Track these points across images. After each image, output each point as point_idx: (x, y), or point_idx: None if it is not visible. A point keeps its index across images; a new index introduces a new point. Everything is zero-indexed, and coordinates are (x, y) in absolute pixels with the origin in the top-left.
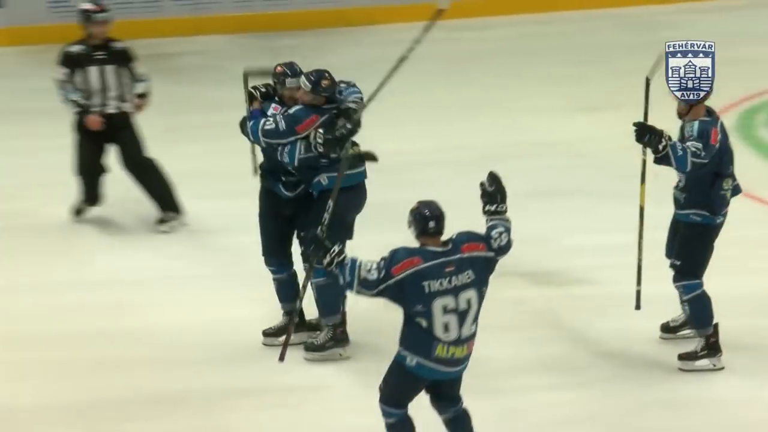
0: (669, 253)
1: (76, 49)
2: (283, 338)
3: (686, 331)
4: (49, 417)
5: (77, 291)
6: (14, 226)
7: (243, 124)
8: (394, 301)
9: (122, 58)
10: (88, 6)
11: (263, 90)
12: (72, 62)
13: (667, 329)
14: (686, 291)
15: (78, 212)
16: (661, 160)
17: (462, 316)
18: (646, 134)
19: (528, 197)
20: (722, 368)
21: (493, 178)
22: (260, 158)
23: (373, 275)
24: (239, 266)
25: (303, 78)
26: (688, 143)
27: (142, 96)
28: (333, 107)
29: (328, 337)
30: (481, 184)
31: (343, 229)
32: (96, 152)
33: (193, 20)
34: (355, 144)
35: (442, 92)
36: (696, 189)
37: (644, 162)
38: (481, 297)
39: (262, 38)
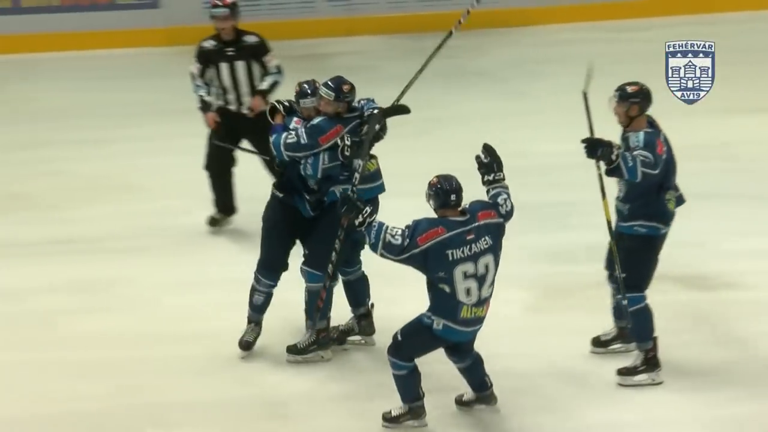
0: (609, 266)
1: (208, 44)
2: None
3: (617, 346)
4: (197, 414)
5: (224, 289)
6: (167, 225)
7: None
8: (417, 268)
9: (253, 53)
10: (212, 0)
11: (286, 104)
12: (204, 58)
13: (599, 343)
14: (630, 304)
15: (213, 222)
16: (613, 171)
17: (481, 280)
18: (598, 148)
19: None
20: (661, 383)
21: (488, 149)
22: None
23: (397, 240)
24: (385, 265)
25: (323, 88)
26: (636, 152)
27: (261, 92)
28: (356, 116)
29: (311, 341)
30: (477, 157)
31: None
32: (225, 149)
33: (347, 21)
34: (373, 156)
35: (599, 93)
36: (640, 200)
37: (601, 176)
38: (496, 261)
39: (415, 39)
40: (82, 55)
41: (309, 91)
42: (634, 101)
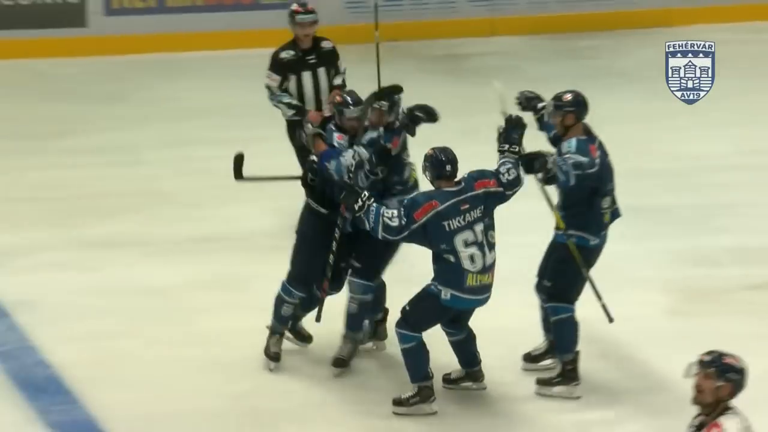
0: (541, 273)
1: (286, 55)
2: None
3: (548, 361)
4: (333, 413)
5: None
6: None
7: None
8: (420, 243)
9: (330, 59)
10: (294, 6)
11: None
12: (284, 69)
13: (530, 358)
14: (553, 313)
15: None
16: (550, 179)
17: (481, 246)
18: (534, 162)
19: None
20: (579, 397)
21: (507, 120)
22: None
23: (395, 222)
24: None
25: (376, 100)
26: (567, 156)
27: (339, 87)
28: (400, 127)
29: (353, 350)
30: (498, 128)
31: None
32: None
33: (489, 21)
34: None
35: (744, 94)
36: (574, 209)
37: (544, 188)
38: (486, 228)
39: (557, 39)
40: (225, 55)
41: (352, 102)
42: (568, 110)
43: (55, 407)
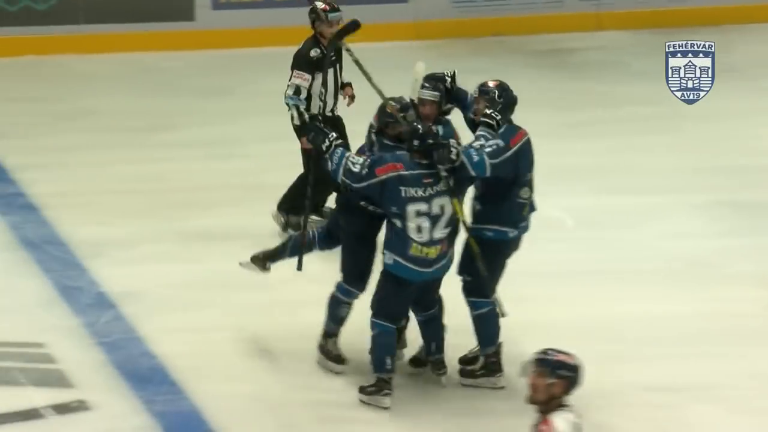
0: (460, 270)
1: (315, 53)
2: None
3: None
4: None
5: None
6: None
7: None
8: (373, 199)
9: (341, 56)
10: (320, 5)
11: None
12: (313, 68)
13: (465, 361)
14: (474, 307)
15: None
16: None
17: (434, 219)
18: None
19: None
20: (502, 387)
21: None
22: None
23: (356, 169)
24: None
25: (428, 91)
26: (484, 143)
27: (350, 84)
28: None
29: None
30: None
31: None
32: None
33: (595, 16)
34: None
35: None
36: (491, 202)
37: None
38: (453, 202)
39: (662, 34)
40: None
41: (408, 107)
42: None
43: (160, 397)
